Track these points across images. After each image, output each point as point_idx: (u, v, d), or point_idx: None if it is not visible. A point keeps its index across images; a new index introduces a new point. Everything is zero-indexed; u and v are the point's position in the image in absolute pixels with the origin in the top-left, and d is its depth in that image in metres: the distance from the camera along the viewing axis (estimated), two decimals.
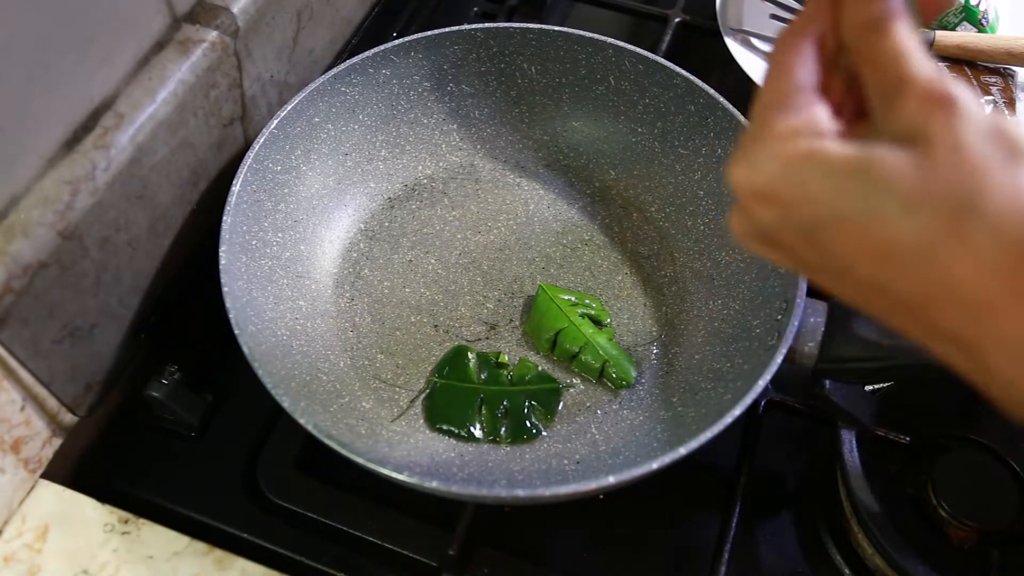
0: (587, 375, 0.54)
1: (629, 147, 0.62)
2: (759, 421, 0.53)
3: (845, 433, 0.50)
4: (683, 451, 0.43)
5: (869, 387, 0.53)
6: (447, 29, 0.60)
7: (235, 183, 0.52)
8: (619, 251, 0.60)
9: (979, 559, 0.48)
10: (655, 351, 0.56)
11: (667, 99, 0.59)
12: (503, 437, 0.52)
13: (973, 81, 0.66)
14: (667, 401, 0.53)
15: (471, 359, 0.54)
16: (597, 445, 0.51)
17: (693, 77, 0.57)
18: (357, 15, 0.70)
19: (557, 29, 0.60)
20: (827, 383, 0.49)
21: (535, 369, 0.54)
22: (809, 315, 0.47)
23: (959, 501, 0.47)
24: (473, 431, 0.52)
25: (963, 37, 0.66)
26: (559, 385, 0.54)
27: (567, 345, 0.54)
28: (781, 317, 0.48)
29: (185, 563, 0.48)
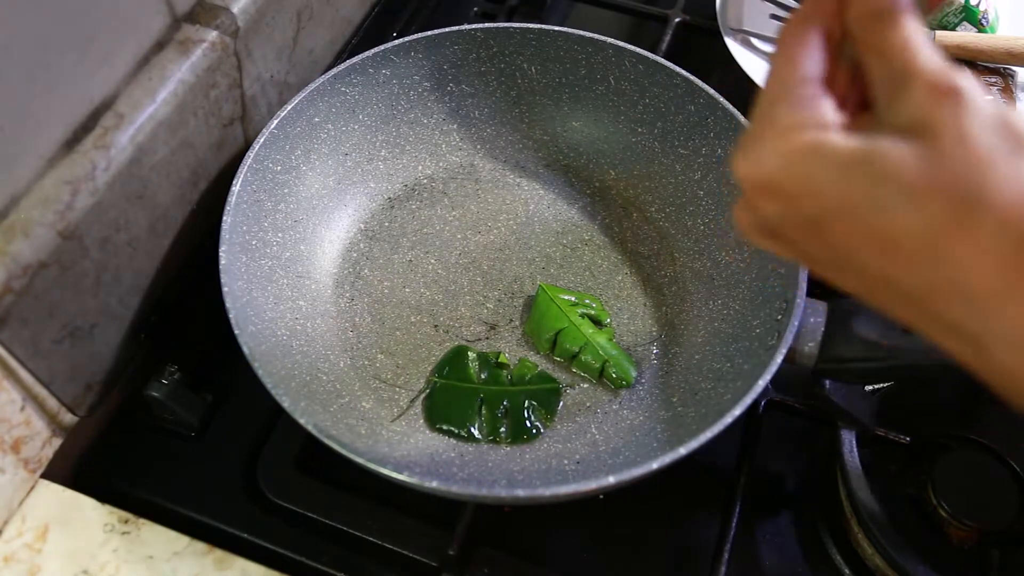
0: (587, 375, 0.54)
1: (629, 147, 0.62)
2: (759, 421, 0.53)
3: (845, 433, 0.50)
4: (683, 451, 0.43)
5: (869, 387, 0.53)
6: (447, 29, 0.60)
7: (235, 183, 0.52)
8: (619, 251, 0.60)
9: (979, 559, 0.48)
10: (655, 351, 0.56)
11: (667, 99, 0.59)
12: (503, 437, 0.52)
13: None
14: (667, 401, 0.53)
15: (471, 359, 0.54)
16: (597, 445, 0.51)
17: (693, 77, 0.57)
18: (357, 15, 0.70)
19: (557, 29, 0.60)
20: (827, 383, 0.49)
21: (535, 369, 0.54)
22: (809, 315, 0.47)
23: (959, 501, 0.47)
24: (473, 431, 0.52)
25: (963, 37, 0.66)
26: (559, 385, 0.54)
27: (567, 345, 0.54)
28: (781, 317, 0.48)
29: (185, 563, 0.48)
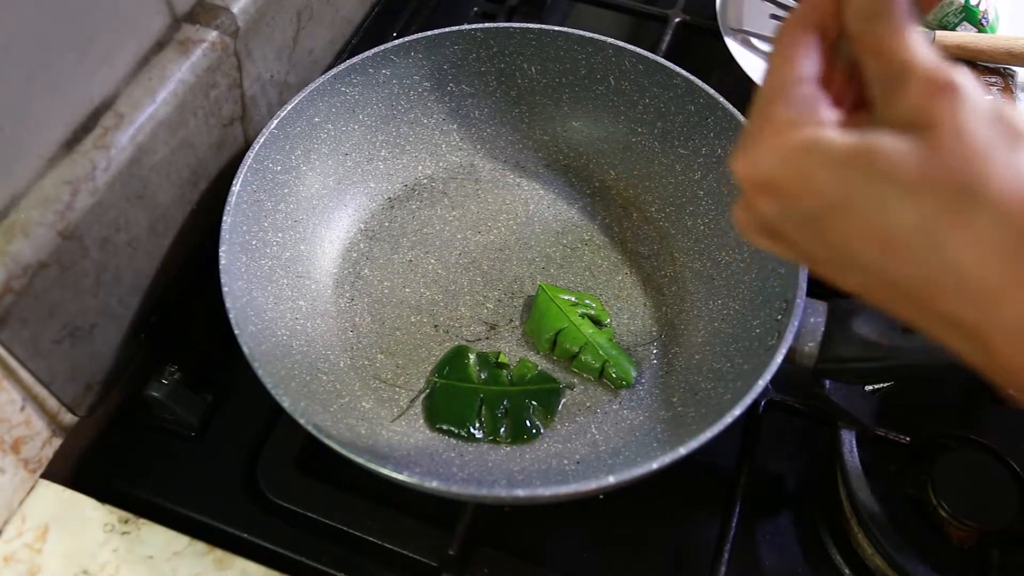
0: (587, 375, 0.54)
1: (629, 147, 0.62)
2: (759, 421, 0.53)
3: (845, 433, 0.50)
4: (683, 451, 0.43)
5: (869, 387, 0.53)
6: (447, 29, 0.60)
7: (235, 183, 0.52)
8: (619, 251, 0.60)
9: (979, 559, 0.48)
10: (655, 351, 0.56)
11: (667, 99, 0.59)
12: (503, 437, 0.52)
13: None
14: (667, 401, 0.53)
15: (471, 359, 0.54)
16: (597, 445, 0.51)
17: (693, 77, 0.57)
18: (357, 15, 0.70)
19: (557, 29, 0.60)
20: (827, 383, 0.49)
21: (535, 369, 0.54)
22: (809, 315, 0.47)
23: (959, 501, 0.47)
24: (473, 431, 0.52)
25: (963, 37, 0.66)
26: (559, 385, 0.54)
27: (567, 345, 0.54)
28: (781, 317, 0.48)
29: (185, 563, 0.48)
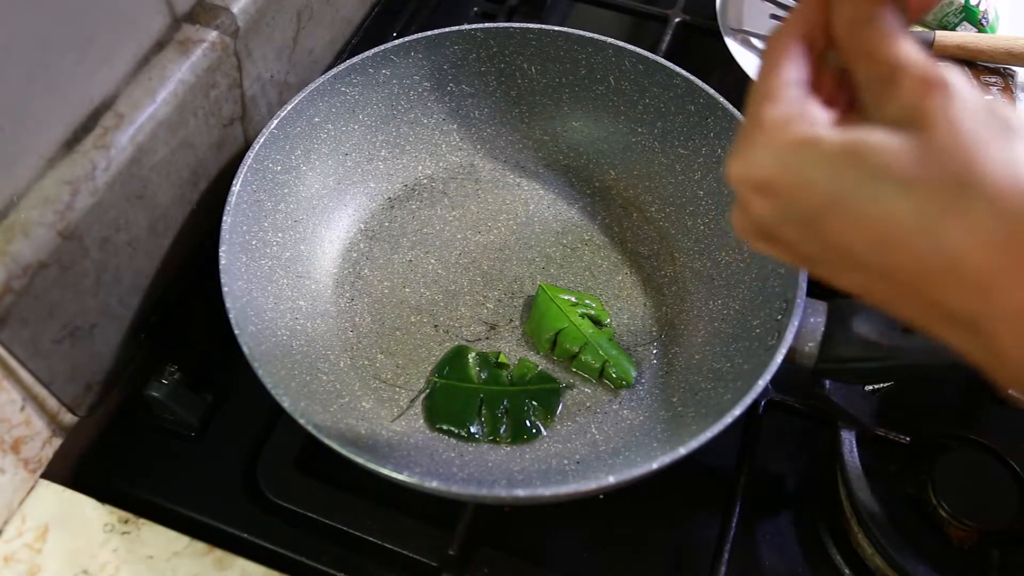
0: (587, 375, 0.54)
1: (629, 147, 0.62)
2: (759, 421, 0.53)
3: (845, 433, 0.50)
4: (683, 451, 0.43)
5: (869, 387, 0.53)
6: (447, 29, 0.60)
7: (235, 183, 0.52)
8: (619, 251, 0.60)
9: (979, 559, 0.48)
10: (655, 351, 0.56)
11: (667, 99, 0.59)
12: (503, 437, 0.52)
13: (973, 81, 0.66)
14: (667, 401, 0.53)
15: (471, 359, 0.54)
16: (597, 445, 0.51)
17: (693, 77, 0.57)
18: (357, 15, 0.70)
19: (557, 29, 0.60)
20: (827, 383, 0.49)
21: (535, 369, 0.54)
22: (809, 315, 0.47)
23: (959, 501, 0.47)
24: (473, 431, 0.52)
25: (963, 37, 0.66)
26: (559, 385, 0.54)
27: (567, 345, 0.54)
28: (781, 317, 0.48)
29: (185, 563, 0.48)
